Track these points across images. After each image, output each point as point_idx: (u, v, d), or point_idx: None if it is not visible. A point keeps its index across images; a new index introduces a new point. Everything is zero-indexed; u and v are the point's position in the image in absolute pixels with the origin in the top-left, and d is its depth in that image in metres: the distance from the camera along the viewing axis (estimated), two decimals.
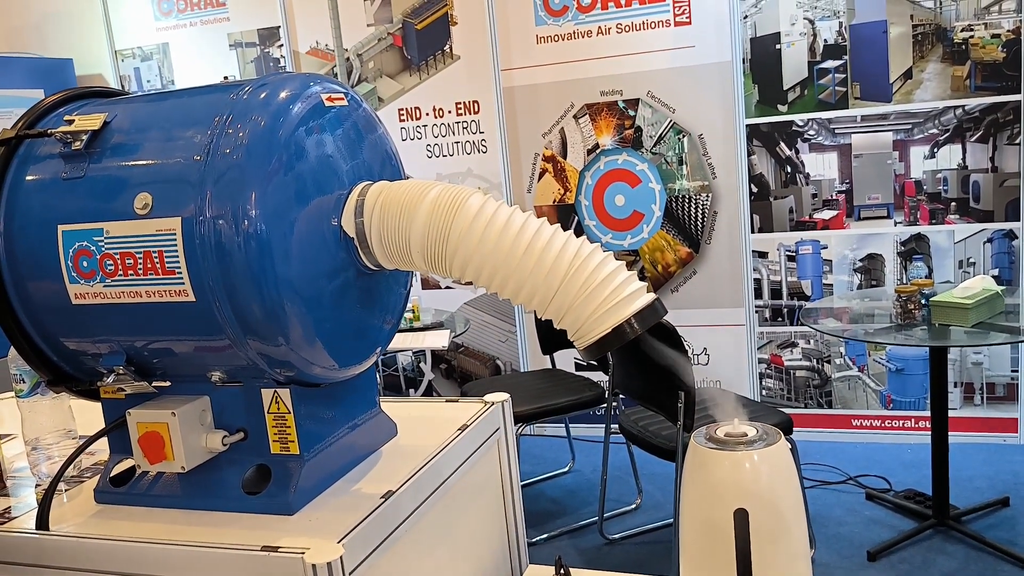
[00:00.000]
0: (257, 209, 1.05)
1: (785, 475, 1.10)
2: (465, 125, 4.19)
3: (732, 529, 1.07)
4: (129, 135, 1.14)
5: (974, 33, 3.50)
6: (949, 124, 3.59)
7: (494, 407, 1.50)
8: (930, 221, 3.69)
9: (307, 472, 1.19)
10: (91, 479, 1.38)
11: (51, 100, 1.25)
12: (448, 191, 1.12)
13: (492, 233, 1.09)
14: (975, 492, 3.34)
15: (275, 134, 1.09)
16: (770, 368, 4.03)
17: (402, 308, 1.38)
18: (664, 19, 3.83)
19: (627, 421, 3.06)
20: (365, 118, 1.26)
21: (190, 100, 1.17)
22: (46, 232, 1.14)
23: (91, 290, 1.12)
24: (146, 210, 1.08)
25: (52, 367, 1.23)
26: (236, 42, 4.49)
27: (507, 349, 4.37)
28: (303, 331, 1.12)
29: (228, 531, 1.14)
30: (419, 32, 4.17)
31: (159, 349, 1.16)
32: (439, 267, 1.12)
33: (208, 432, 1.19)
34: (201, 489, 1.21)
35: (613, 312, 1.08)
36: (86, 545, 1.13)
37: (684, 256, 4.02)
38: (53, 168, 1.16)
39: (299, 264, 1.10)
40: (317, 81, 1.18)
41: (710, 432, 1.13)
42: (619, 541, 3.26)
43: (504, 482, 1.52)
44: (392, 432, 1.41)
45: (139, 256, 1.08)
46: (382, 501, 1.15)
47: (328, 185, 1.15)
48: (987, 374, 3.74)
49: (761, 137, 3.83)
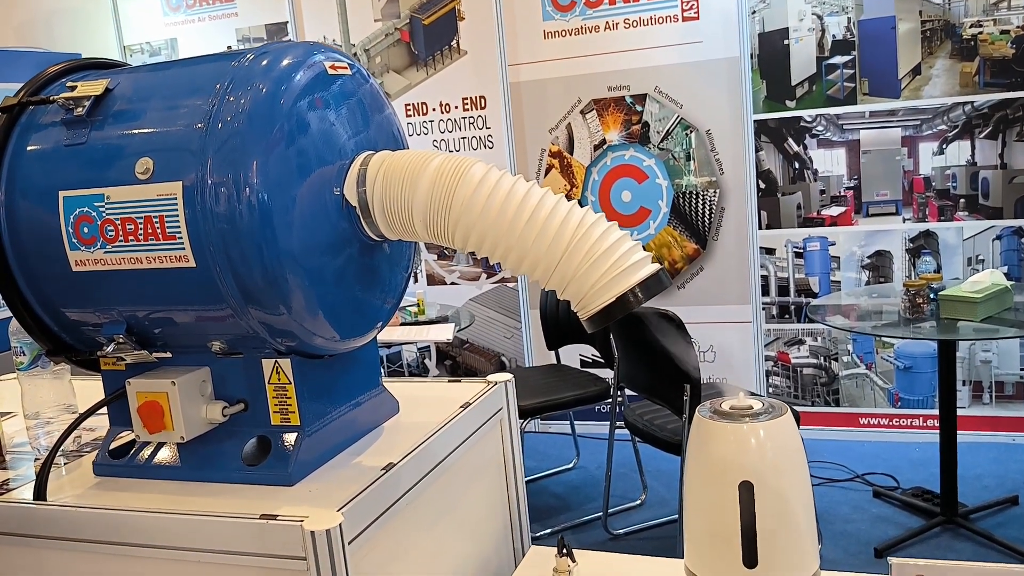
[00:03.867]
0: (258, 176, 1.04)
1: (791, 448, 1.08)
2: (472, 120, 4.19)
3: (737, 503, 1.06)
4: (131, 102, 1.13)
5: (983, 29, 3.48)
6: (958, 120, 3.57)
7: (497, 387, 1.49)
8: (939, 218, 3.66)
9: (307, 444, 1.18)
10: (90, 453, 1.37)
11: (54, 70, 1.25)
12: (451, 160, 1.11)
13: (495, 202, 1.08)
14: (983, 490, 3.31)
15: (277, 101, 1.08)
16: (777, 365, 4.01)
17: (402, 290, 1.37)
18: (672, 14, 3.82)
19: (632, 415, 3.04)
20: (371, 94, 1.25)
21: (192, 68, 1.16)
22: (47, 199, 1.13)
23: (92, 256, 1.11)
24: (147, 175, 1.07)
25: (52, 337, 1.22)
26: (244, 37, 4.49)
27: (512, 345, 4.35)
28: (304, 300, 1.11)
29: (227, 501, 1.13)
30: (426, 27, 4.17)
31: (159, 318, 1.15)
32: (441, 236, 1.11)
33: (208, 403, 1.18)
34: (200, 461, 1.20)
35: (617, 282, 1.06)
36: (83, 515, 1.13)
37: (691, 252, 4.00)
38: (55, 135, 1.15)
39: (300, 232, 1.09)
40: (321, 50, 1.18)
41: (715, 405, 1.12)
42: (623, 536, 3.24)
43: (507, 462, 1.50)
44: (394, 409, 1.40)
45: (140, 221, 1.07)
46: (383, 473, 1.14)
47: (331, 154, 1.14)
48: (996, 372, 3.71)
49: (769, 133, 3.81)
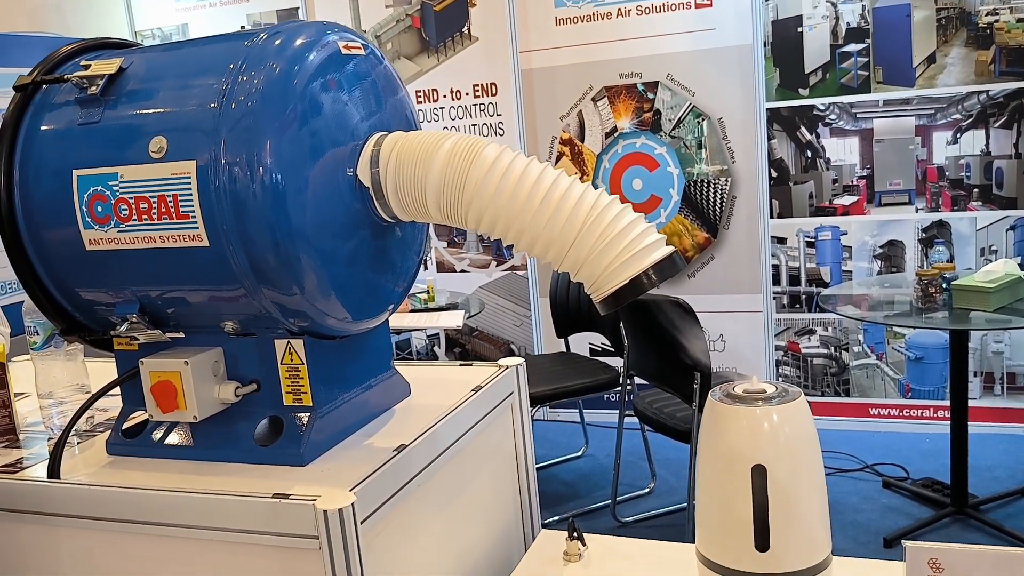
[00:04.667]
0: (272, 155, 1.04)
1: (804, 432, 1.08)
2: (482, 107, 4.18)
3: (749, 487, 1.05)
4: (144, 81, 1.13)
5: (999, 17, 3.44)
6: (972, 109, 3.54)
7: (508, 371, 1.49)
8: (952, 208, 3.64)
9: (319, 425, 1.18)
10: (103, 433, 1.37)
11: (67, 49, 1.24)
12: (464, 141, 1.11)
13: (508, 183, 1.08)
14: (994, 481, 3.30)
15: (290, 81, 1.08)
16: (787, 355, 3.99)
17: (414, 274, 1.37)
18: (685, 1, 3.80)
19: (642, 403, 3.04)
20: (385, 75, 1.25)
21: (205, 47, 1.16)
22: (61, 178, 1.13)
23: (105, 235, 1.12)
24: (161, 154, 1.07)
25: (66, 316, 1.23)
26: (255, 23, 4.49)
27: (521, 333, 4.35)
28: (317, 280, 1.11)
29: (239, 480, 1.13)
30: (437, 13, 4.16)
31: (173, 297, 1.15)
32: (454, 217, 1.11)
33: (221, 383, 1.19)
34: (213, 440, 1.20)
35: (630, 263, 1.06)
36: (97, 493, 1.13)
37: (702, 241, 3.99)
38: (69, 114, 1.15)
39: (313, 212, 1.09)
40: (334, 29, 1.17)
41: (727, 389, 1.11)
42: (632, 524, 3.24)
43: (517, 446, 1.50)
44: (406, 392, 1.40)
45: (153, 200, 1.07)
46: (394, 454, 1.14)
47: (344, 135, 1.14)
48: (1008, 364, 3.69)
49: (781, 121, 3.79)
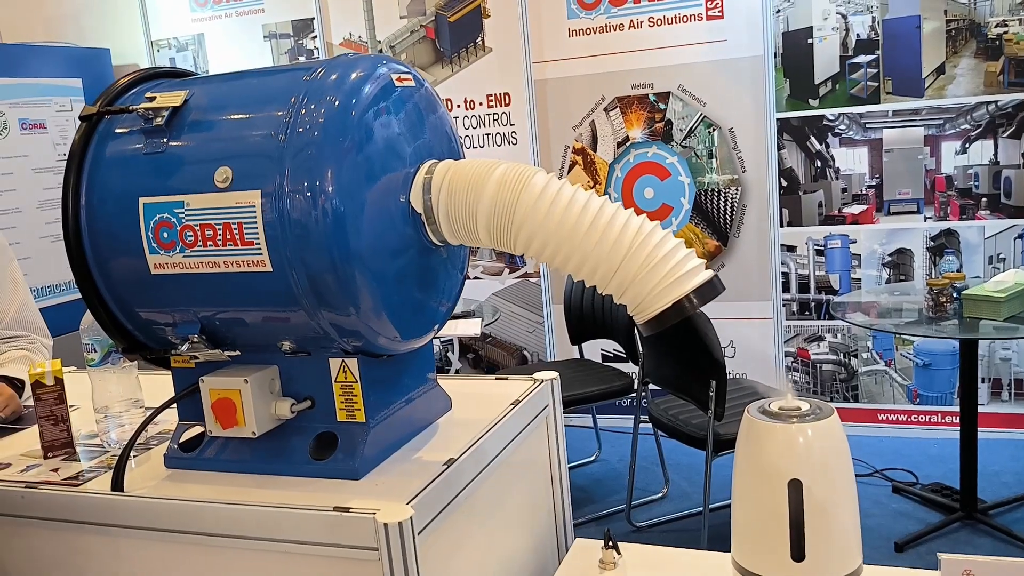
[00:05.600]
0: (333, 184, 1.09)
1: (838, 448, 1.13)
2: (496, 117, 4.23)
3: (786, 500, 1.11)
4: (208, 112, 1.19)
5: (1008, 28, 3.50)
6: (981, 120, 3.59)
7: (544, 384, 1.54)
8: (960, 217, 3.69)
9: (372, 439, 1.23)
10: (157, 447, 1.43)
11: (127, 80, 1.30)
12: (514, 169, 1.16)
13: (557, 210, 1.13)
14: (1002, 487, 3.35)
15: (349, 113, 1.13)
16: (797, 362, 4.05)
17: (458, 293, 1.41)
18: (696, 13, 3.85)
19: (657, 410, 3.09)
20: (427, 98, 1.30)
21: (265, 80, 1.22)
22: (127, 204, 1.18)
23: (171, 260, 1.17)
24: (226, 183, 1.12)
25: (127, 335, 1.28)
26: (271, 33, 4.55)
27: (534, 340, 4.40)
28: (372, 302, 1.16)
29: (297, 494, 1.18)
30: (452, 24, 4.21)
31: (234, 319, 1.21)
32: (504, 242, 1.16)
33: (277, 399, 1.24)
34: (268, 454, 1.26)
35: (673, 287, 1.11)
36: (161, 505, 1.18)
37: (713, 249, 4.04)
38: (134, 143, 1.21)
39: (370, 237, 1.14)
40: (385, 62, 1.23)
41: (764, 406, 1.16)
42: (646, 529, 3.29)
43: (552, 458, 1.56)
44: (447, 406, 1.45)
45: (219, 227, 1.13)
46: (444, 468, 1.19)
47: (397, 162, 1.19)
48: (1015, 370, 3.74)
49: (791, 131, 3.84)
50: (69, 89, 4.39)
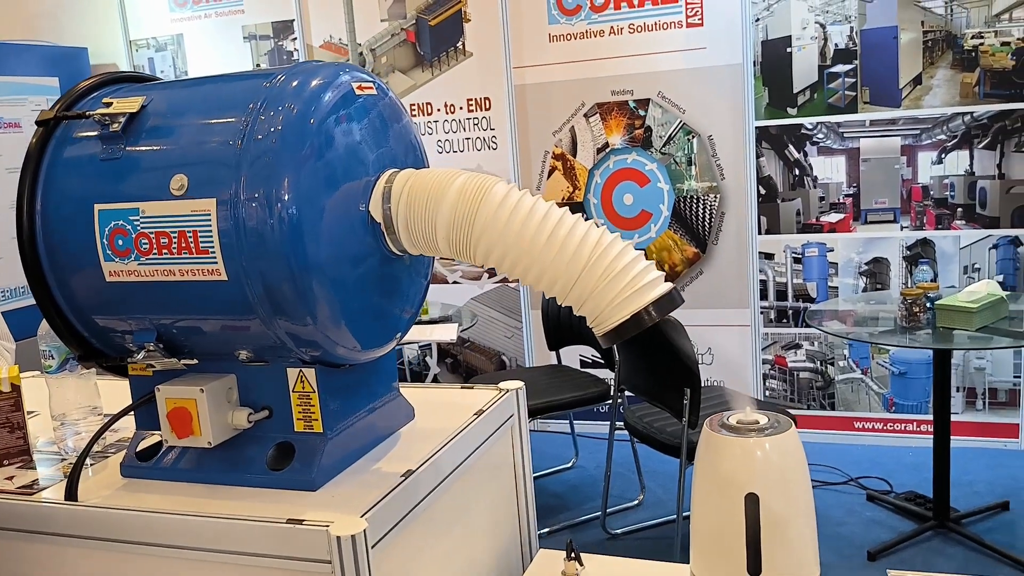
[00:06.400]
0: (290, 192, 1.08)
1: (795, 462, 1.13)
2: (476, 121, 4.23)
3: (743, 513, 1.10)
4: (165, 118, 1.17)
5: (984, 40, 3.53)
6: (957, 130, 3.62)
7: (508, 394, 1.53)
8: (936, 226, 3.72)
9: (330, 450, 1.22)
10: (115, 455, 1.41)
11: (87, 84, 1.28)
12: (474, 179, 1.15)
13: (516, 221, 1.12)
14: (975, 496, 3.37)
15: (307, 121, 1.12)
16: (774, 369, 4.06)
17: (421, 298, 1.41)
18: (676, 20, 3.86)
19: (632, 417, 3.09)
20: (391, 106, 1.29)
21: (225, 86, 1.20)
22: (82, 211, 1.17)
23: (125, 268, 1.16)
24: (182, 191, 1.11)
25: (83, 343, 1.27)
26: (250, 34, 4.53)
27: (512, 345, 4.40)
28: (330, 312, 1.15)
29: (252, 504, 1.17)
30: (432, 28, 4.21)
31: (190, 327, 1.19)
32: (464, 253, 1.16)
33: (234, 409, 1.22)
34: (225, 464, 1.24)
35: (632, 300, 1.11)
36: (115, 516, 1.17)
37: (691, 256, 4.05)
38: (90, 149, 1.19)
39: (328, 247, 1.13)
40: (347, 70, 1.22)
41: (722, 420, 1.16)
42: (621, 536, 3.29)
43: (516, 468, 1.55)
44: (410, 415, 1.44)
45: (174, 236, 1.12)
46: (402, 479, 1.18)
47: (357, 171, 1.18)
48: (990, 379, 3.77)
49: (770, 139, 3.86)
50: (45, 88, 4.36)
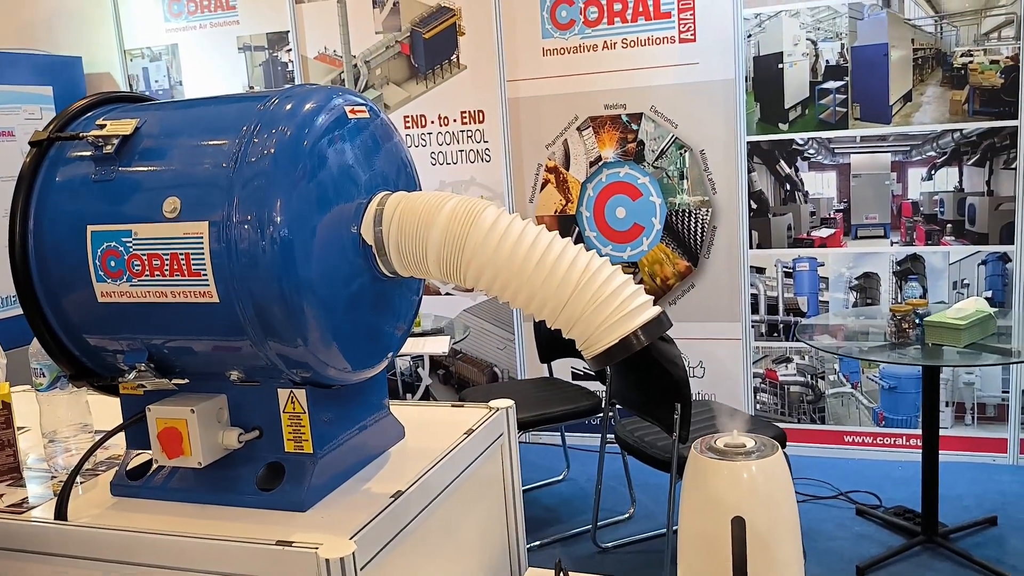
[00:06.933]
0: (282, 215, 1.09)
1: (781, 485, 1.14)
2: (470, 134, 4.24)
3: (729, 536, 1.11)
4: (159, 140, 1.18)
5: (973, 59, 3.56)
6: (947, 147, 3.64)
7: (498, 413, 1.54)
8: (926, 242, 3.74)
9: (319, 470, 1.23)
10: (105, 473, 1.41)
11: (80, 104, 1.29)
12: (464, 203, 1.16)
13: (506, 245, 1.13)
14: (963, 510, 3.38)
15: (300, 144, 1.13)
16: (765, 383, 4.07)
17: (413, 315, 1.42)
18: (669, 36, 3.89)
19: (623, 431, 3.10)
20: (383, 128, 1.30)
21: (218, 108, 1.21)
22: (75, 231, 1.18)
23: (117, 289, 1.16)
24: (175, 214, 1.12)
25: (75, 362, 1.27)
26: (245, 45, 4.53)
27: (505, 356, 4.41)
28: (320, 333, 1.16)
29: (242, 525, 1.18)
30: (427, 41, 4.22)
31: (181, 348, 1.20)
32: (454, 276, 1.17)
33: (224, 429, 1.23)
34: (215, 484, 1.25)
35: (621, 324, 1.12)
36: (105, 536, 1.17)
37: (683, 269, 4.07)
38: (83, 170, 1.20)
39: (319, 269, 1.14)
40: (340, 94, 1.23)
41: (710, 443, 1.17)
42: (612, 550, 3.29)
43: (506, 486, 1.56)
44: (400, 434, 1.45)
45: (166, 258, 1.12)
46: (391, 500, 1.19)
47: (348, 193, 1.19)
48: (978, 394, 3.79)
49: (761, 154, 3.88)
50: (39, 97, 4.36)
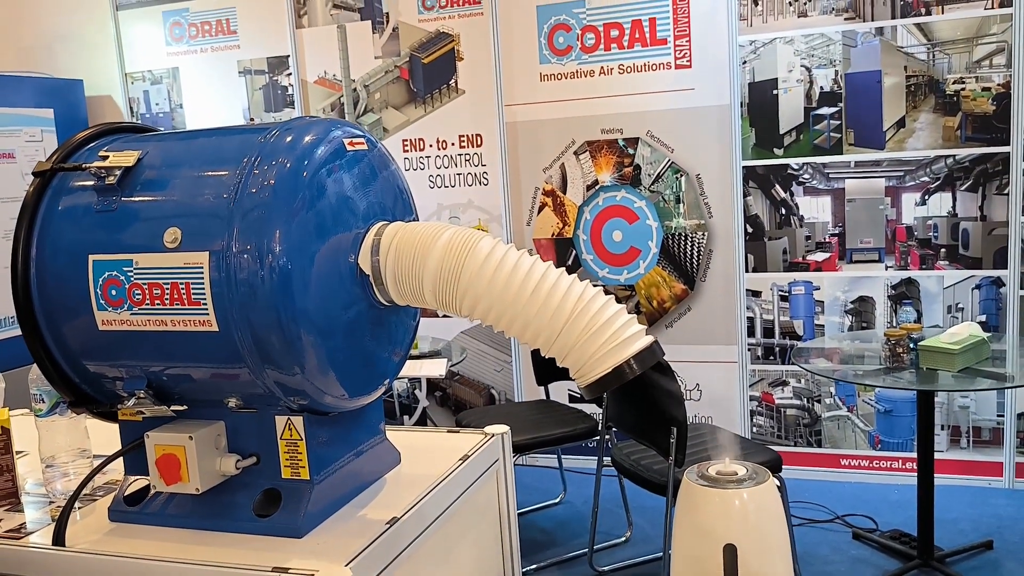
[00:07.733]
0: (281, 245, 1.11)
1: (772, 513, 1.15)
2: (467, 157, 4.28)
3: (721, 564, 1.13)
4: (160, 172, 1.20)
5: (965, 86, 3.60)
6: (940, 173, 3.68)
7: (494, 439, 1.55)
8: (920, 266, 3.77)
9: (316, 497, 1.24)
10: (103, 498, 1.42)
11: (83, 135, 1.31)
12: (460, 234, 1.19)
13: (501, 276, 1.15)
14: (959, 534, 3.38)
15: (299, 175, 1.15)
16: (761, 406, 4.08)
17: (410, 341, 1.44)
18: (665, 62, 3.93)
19: (619, 454, 3.10)
20: (380, 157, 1.33)
21: (219, 140, 1.24)
22: (77, 260, 1.19)
23: (118, 317, 1.18)
24: (175, 244, 1.14)
25: (74, 389, 1.28)
26: (245, 69, 4.58)
27: (502, 379, 4.42)
28: (318, 361, 1.17)
29: (239, 552, 1.19)
30: (426, 66, 4.27)
31: (180, 375, 1.22)
32: (450, 306, 1.18)
33: (222, 456, 1.24)
34: (213, 510, 1.26)
35: (613, 353, 1.14)
36: (103, 562, 1.18)
37: (679, 293, 4.09)
38: (86, 200, 1.22)
39: (317, 298, 1.16)
40: (339, 126, 1.25)
41: (702, 470, 1.19)
42: (608, 573, 3.29)
43: (501, 512, 1.57)
44: (396, 460, 1.46)
45: (167, 287, 1.14)
46: (387, 527, 1.20)
47: (346, 224, 1.21)
48: (973, 418, 3.80)
49: (757, 179, 3.91)
50: (40, 120, 4.39)
